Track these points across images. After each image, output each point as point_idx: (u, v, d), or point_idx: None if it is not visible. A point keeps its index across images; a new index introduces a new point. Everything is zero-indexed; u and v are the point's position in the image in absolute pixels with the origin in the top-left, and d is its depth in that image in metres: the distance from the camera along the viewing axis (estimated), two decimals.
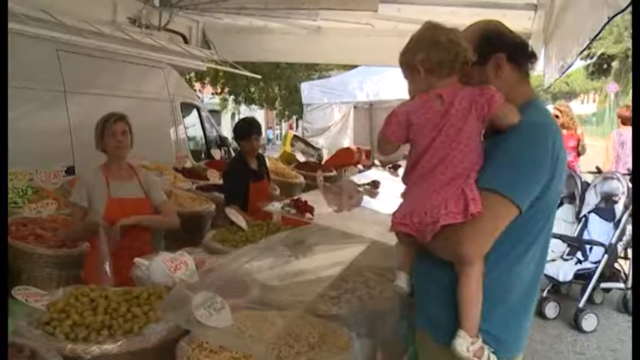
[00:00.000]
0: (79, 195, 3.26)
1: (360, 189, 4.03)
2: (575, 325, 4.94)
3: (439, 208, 1.64)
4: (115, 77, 6.07)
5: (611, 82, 31.88)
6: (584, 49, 3.05)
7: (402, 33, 7.55)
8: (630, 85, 30.55)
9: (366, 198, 3.94)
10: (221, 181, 5.81)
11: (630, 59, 30.40)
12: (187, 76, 10.51)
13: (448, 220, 1.61)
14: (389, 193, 3.99)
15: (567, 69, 3.94)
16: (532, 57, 1.85)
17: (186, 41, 7.47)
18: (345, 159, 4.42)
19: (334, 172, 6.95)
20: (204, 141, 8.30)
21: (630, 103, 7.86)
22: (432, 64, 1.70)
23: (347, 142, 11.71)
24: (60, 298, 2.29)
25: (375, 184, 4.00)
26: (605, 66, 36.54)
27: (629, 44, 26.17)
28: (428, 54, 1.70)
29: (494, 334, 1.73)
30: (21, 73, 4.56)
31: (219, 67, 8.04)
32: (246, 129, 4.41)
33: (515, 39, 1.84)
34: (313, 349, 1.96)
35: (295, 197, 3.11)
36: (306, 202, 3.04)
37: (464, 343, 1.66)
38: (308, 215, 2.97)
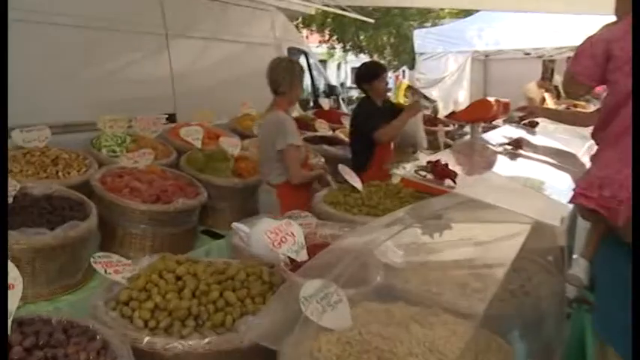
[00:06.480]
0: (297, 136, 3.31)
1: (500, 149, 3.36)
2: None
3: None
4: (219, 20, 5.74)
5: None
6: None
7: None
8: None
9: (503, 159, 3.29)
10: (330, 133, 5.31)
11: None
12: (294, 23, 10.05)
13: None
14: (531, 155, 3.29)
15: None
16: None
17: None
18: (480, 113, 3.69)
19: (453, 127, 6.19)
20: (311, 89, 7.83)
21: None
22: None
23: (462, 94, 10.85)
24: (143, 271, 1.91)
25: (517, 143, 3.28)
26: None
27: None
28: None
29: None
30: (123, 15, 4.49)
31: (329, 9, 7.44)
32: (375, 68, 4.21)
33: None
34: None
35: (434, 159, 2.48)
36: (447, 164, 2.41)
37: None
38: (448, 182, 2.35)
